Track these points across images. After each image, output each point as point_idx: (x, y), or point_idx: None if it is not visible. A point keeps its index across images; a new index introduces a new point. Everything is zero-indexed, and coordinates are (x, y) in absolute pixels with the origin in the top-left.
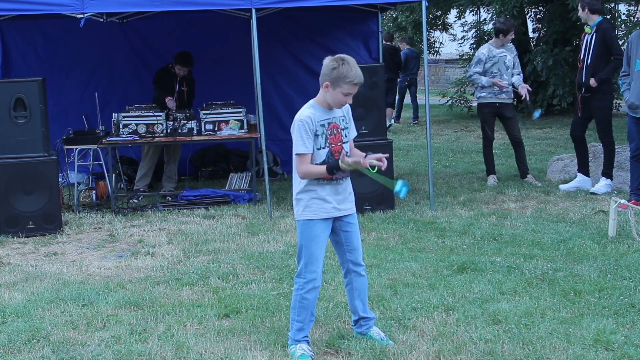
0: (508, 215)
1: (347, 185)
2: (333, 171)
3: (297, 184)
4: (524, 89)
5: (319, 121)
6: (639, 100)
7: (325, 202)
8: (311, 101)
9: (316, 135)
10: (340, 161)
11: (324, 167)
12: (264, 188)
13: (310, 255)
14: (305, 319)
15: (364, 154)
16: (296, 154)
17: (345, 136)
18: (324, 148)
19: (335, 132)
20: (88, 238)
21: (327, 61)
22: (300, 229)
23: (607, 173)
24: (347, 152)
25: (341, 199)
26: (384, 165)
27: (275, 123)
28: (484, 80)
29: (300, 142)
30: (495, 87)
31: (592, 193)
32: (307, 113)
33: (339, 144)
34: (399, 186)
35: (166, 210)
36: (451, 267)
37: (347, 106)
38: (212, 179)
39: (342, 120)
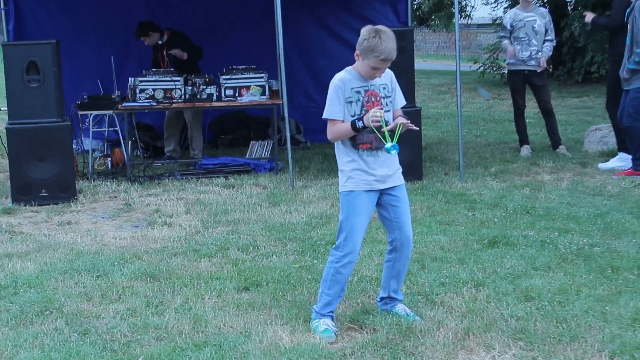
0: (542, 188)
1: (393, 155)
2: (356, 125)
3: (340, 155)
4: (542, 61)
5: (353, 87)
6: (622, 72)
7: (368, 173)
8: (349, 67)
9: (349, 102)
10: (364, 117)
11: (348, 125)
12: (285, 157)
13: (351, 228)
14: (336, 293)
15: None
16: (326, 118)
17: (387, 105)
18: (359, 115)
19: (373, 99)
20: (103, 207)
21: (363, 30)
22: (342, 201)
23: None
24: (387, 121)
25: (385, 171)
26: (413, 128)
27: (299, 89)
28: (504, 42)
29: (330, 105)
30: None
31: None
32: (340, 76)
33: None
34: (391, 145)
35: (184, 179)
36: (481, 241)
37: (391, 74)
38: (231, 147)
39: (383, 88)
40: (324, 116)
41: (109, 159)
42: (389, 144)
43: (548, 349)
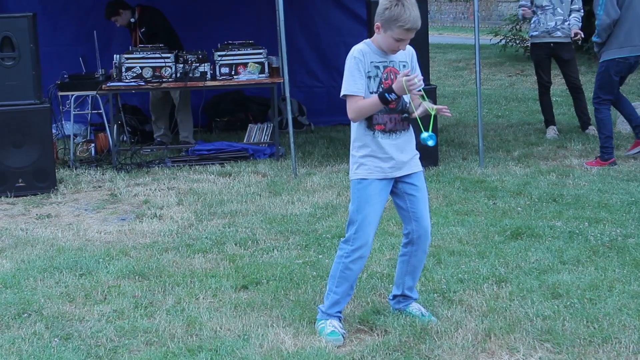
0: (570, 173)
1: (409, 138)
2: (387, 97)
3: (352, 137)
4: (573, 31)
5: (372, 61)
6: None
7: (381, 159)
8: (367, 40)
9: (368, 77)
10: (394, 86)
11: (376, 98)
12: (287, 141)
13: (363, 219)
14: (344, 291)
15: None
16: (344, 95)
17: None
18: (376, 93)
19: (392, 77)
20: (86, 198)
21: (382, 0)
22: (353, 190)
23: None
24: (407, 103)
25: (402, 156)
26: (448, 114)
27: (301, 67)
28: (519, 12)
29: (351, 80)
30: (526, 17)
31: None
32: (360, 47)
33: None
34: (427, 135)
35: (175, 166)
36: (503, 232)
37: (413, 52)
38: (228, 131)
39: (404, 66)
40: (343, 92)
41: (93, 144)
42: (425, 134)
43: (578, 352)
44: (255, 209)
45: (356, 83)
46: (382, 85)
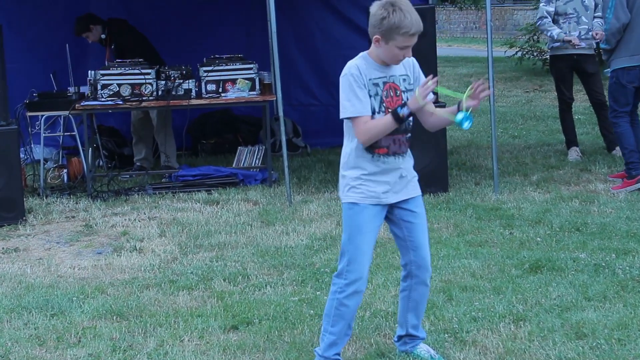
0: (595, 199)
1: (410, 159)
2: (400, 116)
3: (343, 156)
4: (595, 34)
5: (370, 78)
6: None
7: (377, 184)
8: (363, 53)
9: (369, 96)
10: (410, 102)
11: (388, 117)
12: (281, 165)
13: (355, 249)
14: (341, 331)
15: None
16: (347, 119)
17: (407, 99)
18: (378, 113)
19: (392, 94)
20: (58, 230)
21: (375, 9)
22: (345, 215)
23: None
24: (411, 122)
25: (399, 180)
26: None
27: (296, 83)
28: (555, 32)
29: (355, 99)
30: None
31: None
32: (355, 63)
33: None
34: (462, 116)
35: (157, 194)
36: (521, 265)
37: (414, 62)
38: (215, 154)
39: (404, 80)
40: (347, 115)
41: (65, 170)
42: (460, 115)
43: None
44: (246, 241)
45: (361, 101)
46: (384, 104)
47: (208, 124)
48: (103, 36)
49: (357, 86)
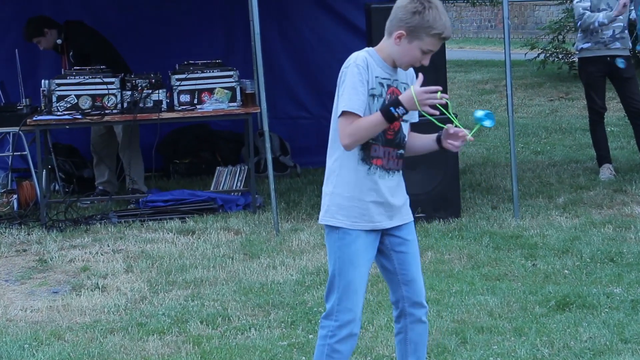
0: (632, 225)
1: (401, 180)
2: (392, 112)
3: (331, 169)
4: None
5: (377, 76)
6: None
7: (374, 204)
8: (369, 48)
9: (372, 96)
10: (402, 98)
11: (378, 115)
12: (266, 188)
13: (347, 285)
14: None
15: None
16: (342, 112)
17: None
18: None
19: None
20: (7, 265)
21: (405, 1)
22: (331, 243)
23: None
24: (405, 136)
25: (394, 200)
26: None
27: (283, 93)
28: (600, 17)
29: (353, 94)
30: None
31: None
32: (362, 55)
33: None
34: (480, 114)
35: (123, 222)
36: (546, 302)
37: (412, 72)
38: (190, 176)
39: (404, 89)
40: (342, 108)
41: (15, 196)
42: (480, 112)
43: None
44: (227, 276)
45: (359, 98)
46: None
47: (181, 141)
48: (59, 41)
49: (359, 80)
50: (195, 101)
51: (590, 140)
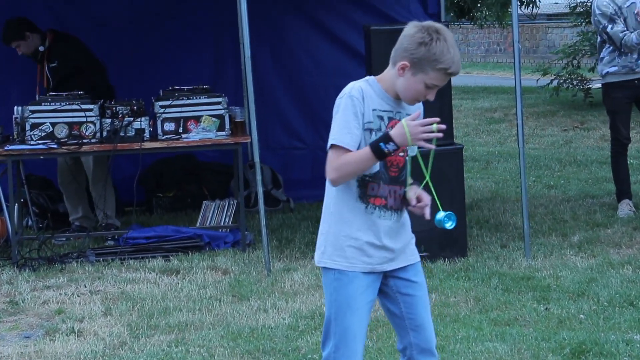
0: None
1: (406, 219)
2: (382, 148)
3: (326, 206)
4: None
5: (374, 109)
6: None
7: (372, 247)
8: (369, 77)
9: (368, 130)
10: (393, 133)
11: (367, 150)
12: (257, 224)
13: (345, 331)
14: None
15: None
16: (330, 146)
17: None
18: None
19: None
20: None
21: (412, 30)
22: (328, 286)
23: None
24: (408, 172)
25: (397, 243)
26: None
27: (276, 121)
28: (634, 37)
29: (344, 127)
30: None
31: None
32: (359, 85)
33: (401, 154)
34: (442, 216)
35: (101, 261)
36: (561, 349)
37: (420, 105)
38: (174, 211)
39: None
40: (331, 141)
41: None
42: (441, 214)
43: None
44: (214, 320)
45: (351, 131)
46: None
47: (165, 173)
48: (41, 48)
49: (352, 112)
50: (181, 130)
51: (608, 173)
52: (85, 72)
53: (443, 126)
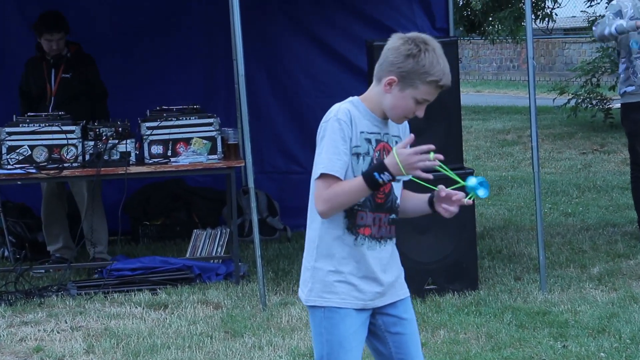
0: None
1: (394, 250)
2: (376, 179)
3: (311, 240)
4: None
5: (362, 131)
6: None
7: (363, 280)
8: (353, 98)
9: (356, 155)
10: (387, 162)
11: (360, 181)
12: (251, 255)
13: None
14: None
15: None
16: (319, 175)
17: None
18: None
19: (383, 157)
20: None
21: (397, 42)
22: (316, 324)
23: None
24: (396, 198)
25: (386, 276)
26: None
27: (271, 143)
28: (617, 24)
29: (333, 153)
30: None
31: None
32: (345, 107)
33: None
34: (474, 182)
35: (83, 294)
36: None
37: (406, 126)
38: (162, 240)
39: (396, 142)
40: (319, 170)
41: None
42: (472, 180)
43: None
44: (205, 359)
45: (340, 158)
46: None
47: (153, 200)
48: (66, 53)
49: (340, 137)
50: (169, 153)
51: (630, 200)
52: (91, 95)
53: (440, 156)
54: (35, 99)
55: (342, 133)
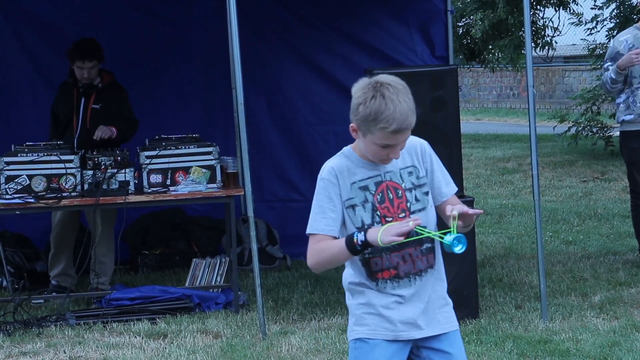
0: None
1: (437, 278)
2: (354, 242)
3: (344, 278)
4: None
5: (355, 182)
6: None
7: (393, 311)
8: (345, 148)
9: (351, 207)
10: (370, 231)
11: (341, 244)
12: (251, 284)
13: None
14: None
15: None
16: (308, 234)
17: (417, 200)
18: (371, 226)
19: (392, 196)
20: None
21: (356, 87)
22: (350, 357)
23: None
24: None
25: (422, 307)
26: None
27: (271, 171)
28: (608, 77)
29: (318, 213)
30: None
31: None
32: (331, 165)
33: (402, 215)
34: (450, 239)
35: (82, 324)
36: None
37: (422, 146)
38: (161, 269)
39: (409, 174)
40: (307, 230)
41: None
42: (449, 237)
43: None
44: None
45: (325, 216)
46: (378, 212)
47: (152, 229)
48: (98, 83)
49: (325, 196)
50: (168, 182)
51: (631, 228)
52: (123, 118)
53: (419, 220)
54: (61, 125)
55: (326, 192)
